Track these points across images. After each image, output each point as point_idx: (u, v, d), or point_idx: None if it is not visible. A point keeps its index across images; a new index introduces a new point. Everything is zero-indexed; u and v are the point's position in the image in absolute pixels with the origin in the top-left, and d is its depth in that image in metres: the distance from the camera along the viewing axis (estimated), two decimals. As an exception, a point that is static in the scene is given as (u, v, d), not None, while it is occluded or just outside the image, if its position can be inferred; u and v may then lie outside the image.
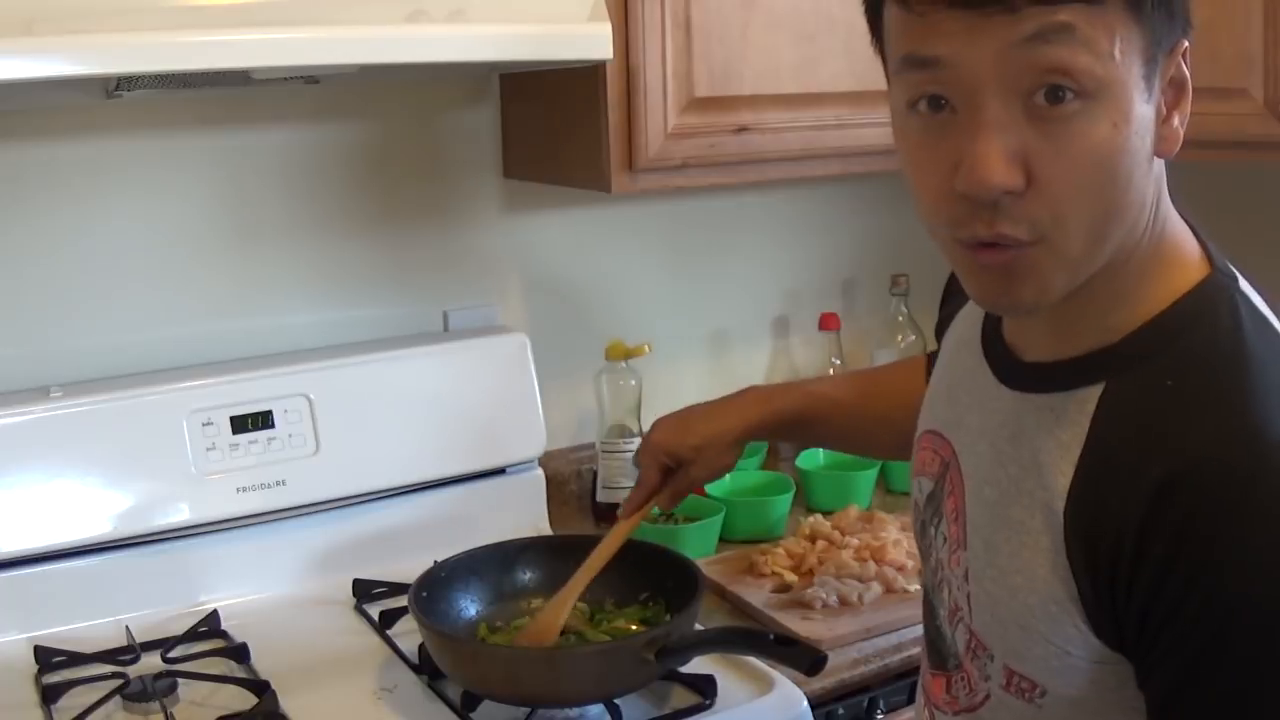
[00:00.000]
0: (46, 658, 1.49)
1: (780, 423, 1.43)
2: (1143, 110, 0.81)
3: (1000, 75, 0.78)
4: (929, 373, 1.13)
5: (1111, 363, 0.87)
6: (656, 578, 1.50)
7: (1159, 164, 0.87)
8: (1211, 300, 0.86)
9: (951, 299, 1.10)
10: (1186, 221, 0.92)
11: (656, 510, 1.50)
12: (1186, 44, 0.83)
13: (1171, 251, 0.89)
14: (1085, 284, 0.85)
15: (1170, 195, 0.90)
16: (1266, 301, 0.91)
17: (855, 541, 1.71)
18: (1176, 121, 0.84)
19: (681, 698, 1.40)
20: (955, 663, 0.98)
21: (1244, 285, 0.89)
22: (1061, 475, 0.86)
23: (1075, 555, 0.85)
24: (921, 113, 0.82)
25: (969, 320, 1.04)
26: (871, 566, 1.65)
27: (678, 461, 1.43)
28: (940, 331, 1.12)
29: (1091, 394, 0.86)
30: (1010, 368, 0.95)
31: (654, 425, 1.46)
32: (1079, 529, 0.84)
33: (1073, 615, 0.85)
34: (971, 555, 0.95)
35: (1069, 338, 0.89)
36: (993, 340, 0.98)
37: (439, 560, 1.53)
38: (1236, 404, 0.81)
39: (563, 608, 1.41)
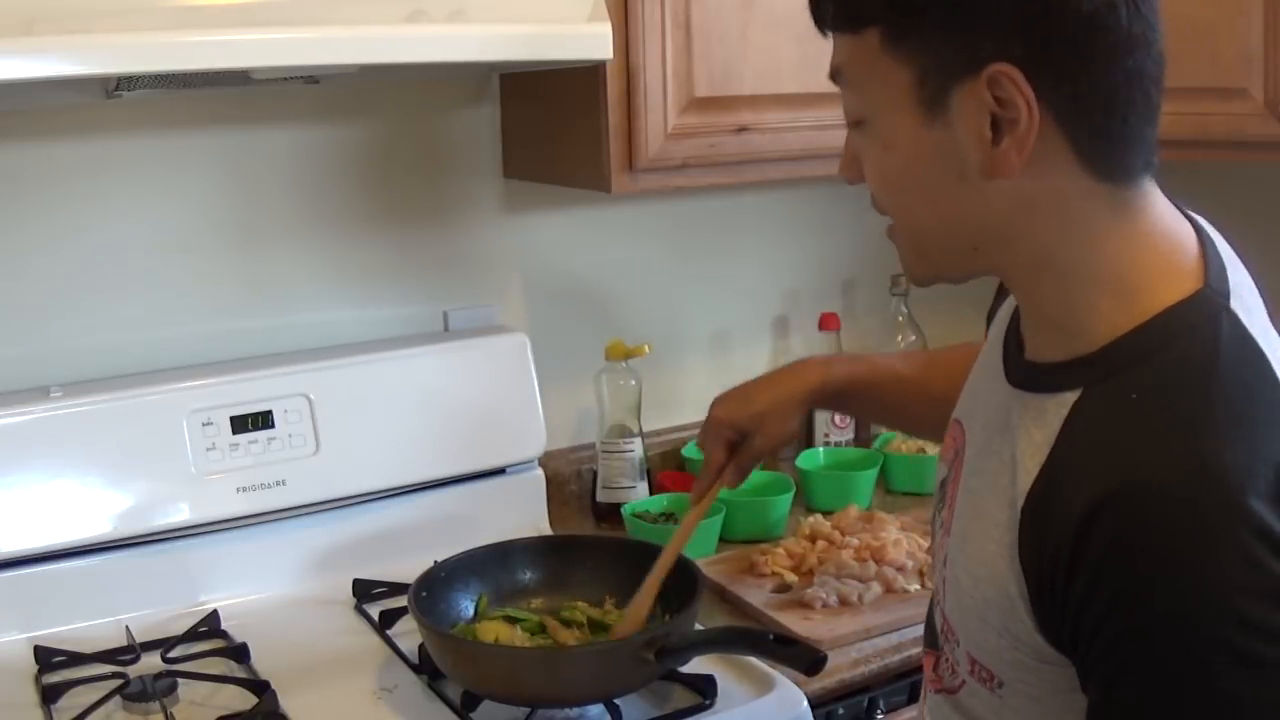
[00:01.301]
0: (46, 658, 1.49)
1: (840, 388, 1.41)
2: (925, 135, 0.87)
3: None
4: None
5: (1090, 370, 0.88)
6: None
7: (1049, 182, 0.86)
8: (1194, 317, 0.86)
9: (1002, 291, 1.12)
10: (1198, 230, 0.91)
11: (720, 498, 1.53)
12: (1007, 67, 0.82)
13: (1135, 266, 0.88)
14: (1016, 288, 0.94)
15: (1178, 201, 0.91)
16: (1271, 314, 0.90)
17: (855, 541, 1.71)
18: (1006, 146, 0.84)
19: (681, 698, 1.40)
20: (938, 643, 1.02)
21: (1236, 304, 0.88)
22: (1028, 474, 0.88)
23: (1025, 555, 0.87)
24: None
25: (1004, 314, 1.06)
26: (871, 566, 1.65)
27: (740, 433, 1.40)
28: (988, 323, 1.13)
29: (1069, 399, 0.88)
30: (1015, 365, 0.97)
31: (714, 402, 1.44)
32: (1032, 530, 0.87)
33: (1021, 612, 0.87)
34: (951, 542, 0.98)
35: (1057, 341, 0.91)
36: (1011, 336, 1.00)
37: (439, 560, 1.53)
38: (1190, 428, 0.81)
39: (648, 598, 1.40)
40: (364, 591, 1.67)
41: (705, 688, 1.39)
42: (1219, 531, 0.77)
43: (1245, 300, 0.89)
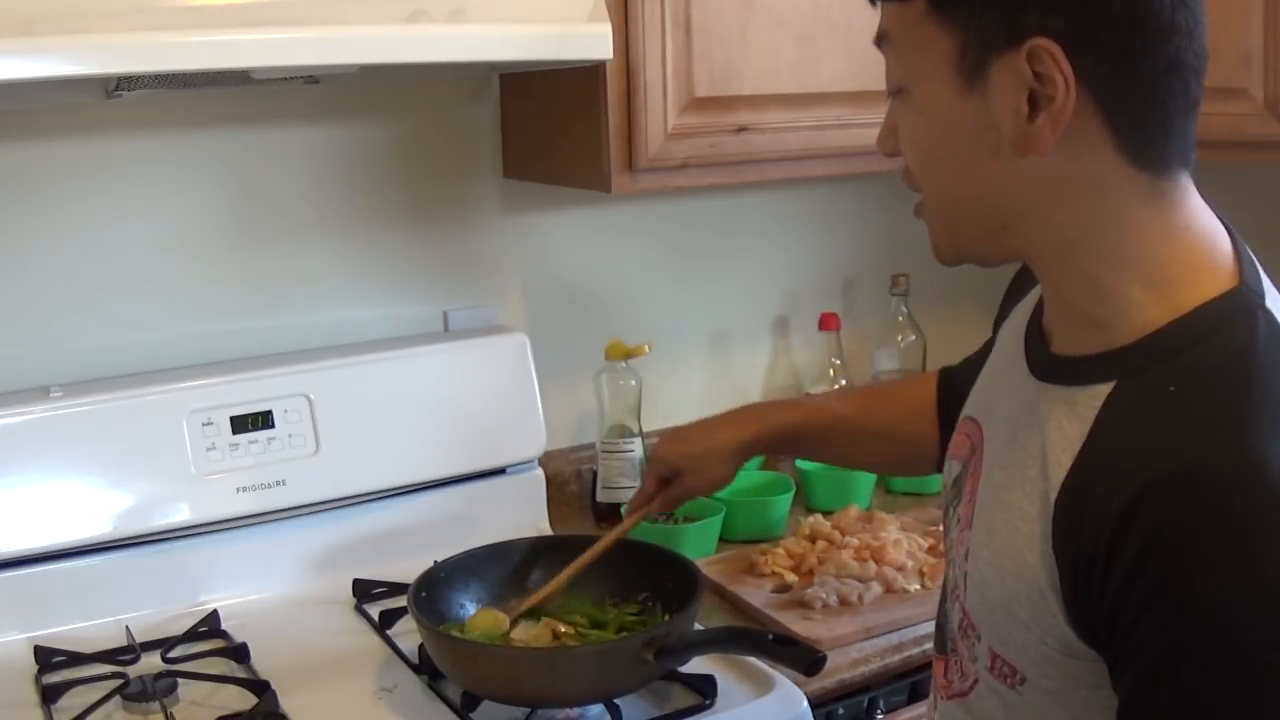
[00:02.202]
0: (46, 658, 1.49)
1: (777, 436, 1.46)
2: (961, 105, 0.87)
3: None
4: (947, 382, 1.30)
5: (1124, 363, 0.88)
6: (656, 578, 1.50)
7: (1083, 164, 0.86)
8: (1231, 312, 0.86)
9: (1011, 294, 1.13)
10: (1230, 233, 0.92)
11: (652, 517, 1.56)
12: (1043, 42, 0.82)
13: (1173, 258, 0.88)
14: (1045, 272, 0.93)
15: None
16: None
17: (855, 541, 1.71)
18: (1042, 122, 0.84)
19: (681, 698, 1.40)
20: (952, 645, 1.01)
21: (1271, 303, 0.88)
22: (1060, 467, 0.87)
23: (1060, 546, 0.86)
24: None
25: (1022, 311, 1.06)
26: (871, 566, 1.65)
27: (674, 471, 1.47)
28: (998, 324, 1.14)
29: (1101, 391, 0.88)
30: (1040, 358, 0.97)
31: (660, 438, 1.51)
32: (1066, 521, 0.86)
33: (1052, 605, 0.87)
34: (973, 535, 0.97)
35: (1078, 331, 0.91)
36: (1034, 331, 1.00)
37: (439, 560, 1.53)
38: (1232, 419, 0.81)
39: (535, 600, 1.48)
40: (364, 591, 1.67)
41: (705, 688, 1.39)
42: (1265, 524, 0.77)
43: (1278, 301, 0.90)
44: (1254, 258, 0.91)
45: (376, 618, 1.59)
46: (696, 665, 1.39)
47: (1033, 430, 0.92)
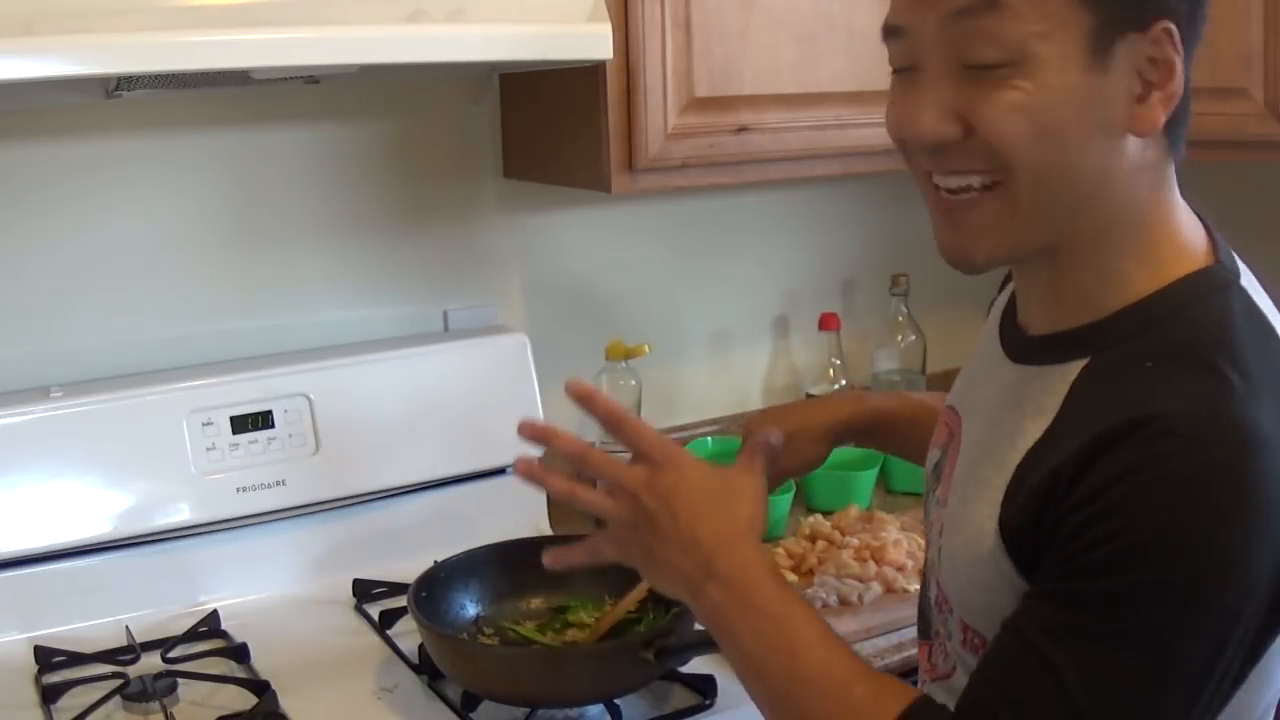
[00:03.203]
0: (46, 658, 1.49)
1: (870, 420, 1.41)
2: (1086, 80, 0.85)
3: (940, 42, 0.88)
4: None
5: (1097, 338, 0.90)
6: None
7: (1149, 149, 0.89)
8: (1204, 288, 0.89)
9: (1004, 286, 1.13)
10: (1202, 221, 0.95)
11: None
12: (1169, 25, 0.85)
13: (1166, 241, 0.91)
14: (1066, 257, 0.91)
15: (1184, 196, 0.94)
16: (1275, 301, 0.92)
17: (855, 541, 1.71)
18: (1155, 100, 0.87)
19: (681, 698, 1.40)
20: (935, 628, 1.03)
21: (1246, 282, 0.91)
22: (1030, 436, 0.90)
23: (1009, 498, 0.89)
24: (897, 72, 0.94)
25: (1001, 301, 1.08)
26: (871, 566, 1.65)
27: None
28: (989, 312, 1.15)
29: (1075, 367, 0.90)
30: (1015, 341, 0.99)
31: (750, 419, 1.44)
32: (1022, 475, 0.88)
33: (1000, 561, 0.89)
34: (948, 512, 0.99)
35: (1061, 313, 0.93)
36: (1008, 318, 1.02)
37: (439, 560, 1.53)
38: (1199, 378, 0.83)
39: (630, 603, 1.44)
40: (364, 591, 1.66)
41: (705, 688, 1.39)
42: (1230, 475, 0.79)
43: (1253, 281, 0.93)
44: (1226, 243, 0.95)
45: (376, 618, 1.59)
46: (696, 665, 1.39)
47: (1011, 411, 0.94)
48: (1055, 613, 0.83)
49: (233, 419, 1.67)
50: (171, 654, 1.49)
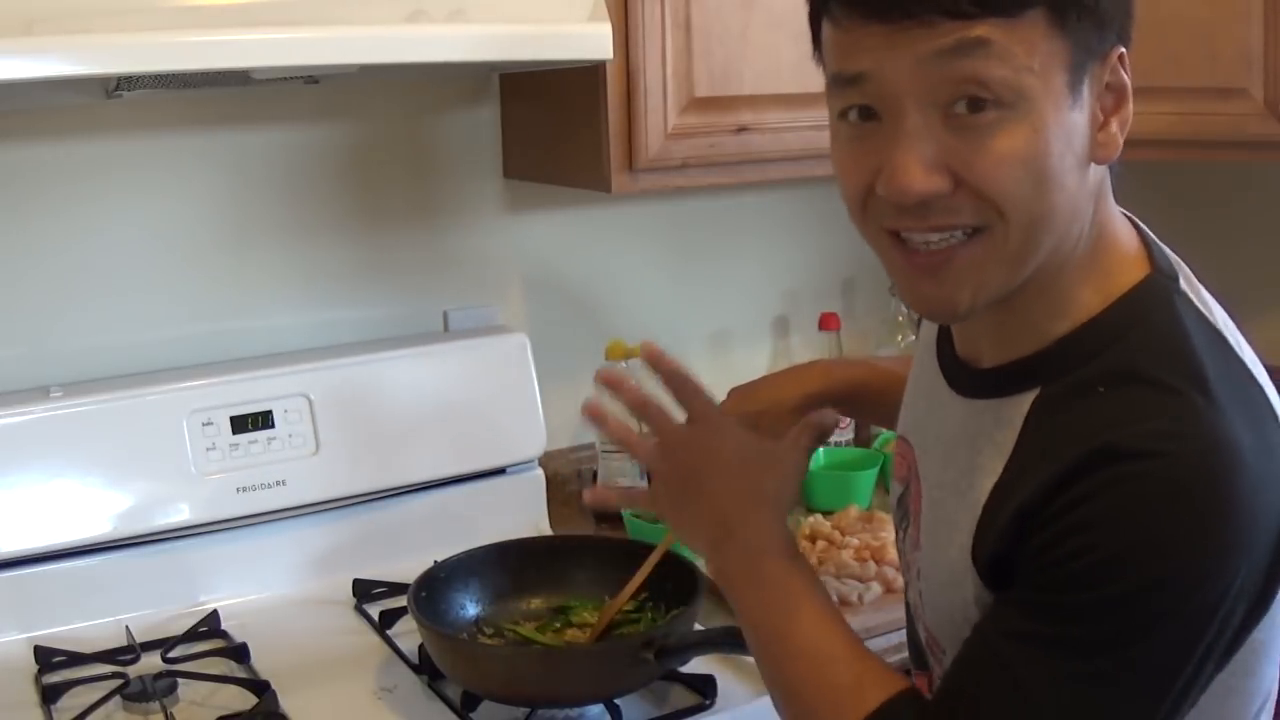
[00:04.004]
0: (46, 658, 1.49)
1: (840, 391, 1.40)
2: (1068, 117, 0.82)
3: (919, 86, 0.81)
4: None
5: (1046, 368, 0.88)
6: (656, 578, 1.49)
7: (1097, 170, 0.87)
8: (1147, 303, 0.87)
9: None
10: (1132, 221, 0.93)
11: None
12: (1123, 50, 0.84)
13: (1109, 255, 0.89)
14: (1022, 290, 0.87)
15: (1118, 196, 0.92)
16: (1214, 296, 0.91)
17: (855, 541, 1.71)
18: (1115, 127, 0.85)
19: (681, 698, 1.40)
20: (928, 662, 1.02)
21: (1185, 284, 0.89)
22: (991, 475, 0.88)
23: (979, 542, 0.87)
24: (851, 121, 0.87)
25: (929, 326, 1.06)
26: (871, 566, 1.65)
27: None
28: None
29: (1027, 399, 0.88)
30: (959, 375, 0.97)
31: (728, 394, 1.43)
32: (989, 517, 0.87)
33: (984, 600, 0.88)
34: (922, 555, 0.98)
35: (1009, 344, 0.91)
36: (945, 348, 1.00)
37: (439, 560, 1.53)
38: (1157, 399, 0.82)
39: (633, 587, 1.43)
40: (364, 591, 1.66)
41: (705, 688, 1.39)
42: (1203, 485, 0.78)
43: (1191, 280, 0.90)
44: (1158, 240, 0.92)
45: (376, 618, 1.59)
46: (696, 665, 1.39)
47: (964, 446, 0.93)
48: (1018, 619, 0.82)
49: (233, 419, 1.67)
50: (171, 654, 1.49)
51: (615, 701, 1.35)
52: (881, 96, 0.83)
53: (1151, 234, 0.93)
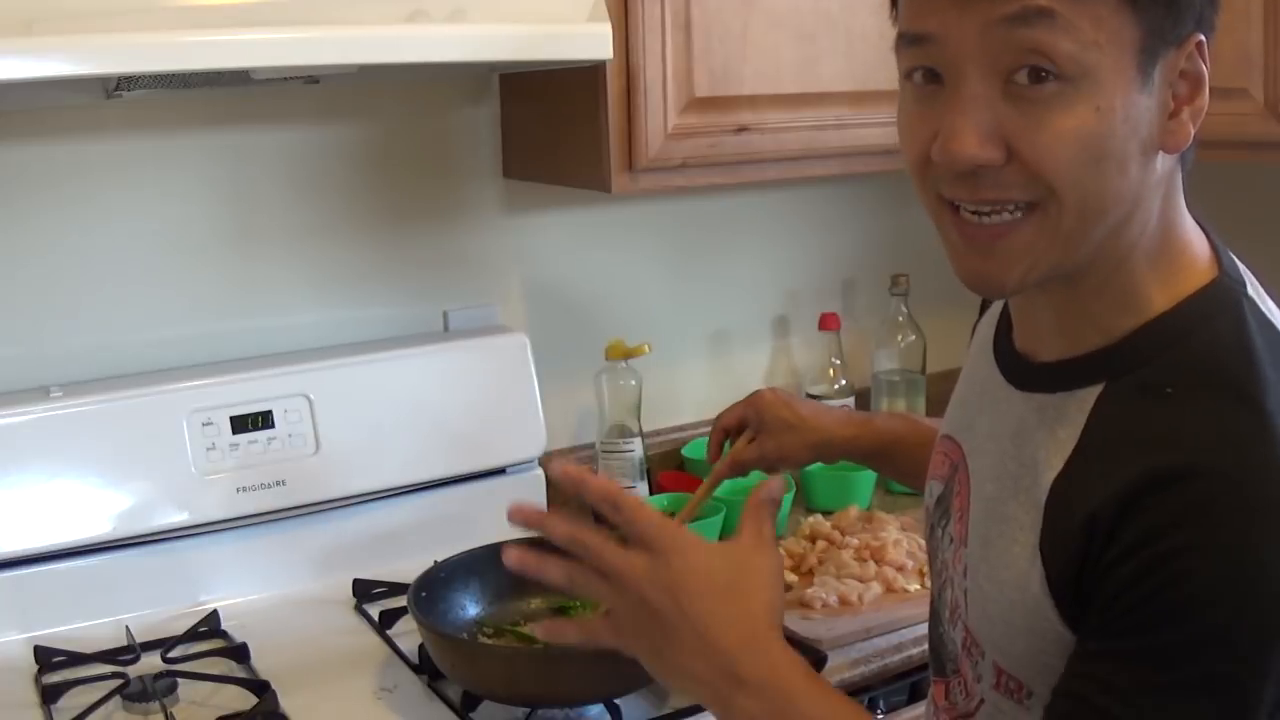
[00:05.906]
0: (46, 658, 1.49)
1: (879, 441, 1.38)
2: (1135, 100, 0.81)
3: (982, 52, 0.81)
4: None
5: (1112, 363, 0.87)
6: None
7: (1167, 160, 0.86)
8: (1216, 304, 0.86)
9: (982, 313, 1.11)
10: (1200, 225, 0.92)
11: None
12: (1201, 38, 0.83)
13: (1179, 253, 0.89)
14: (1084, 280, 0.87)
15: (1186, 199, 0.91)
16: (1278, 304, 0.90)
17: (855, 541, 1.71)
18: (1185, 116, 0.84)
19: (681, 697, 1.40)
20: (954, 667, 0.99)
21: (1253, 291, 0.89)
22: (1052, 470, 0.87)
23: (1047, 544, 0.85)
24: (916, 82, 0.86)
25: (987, 324, 1.05)
26: (871, 566, 1.65)
27: (761, 423, 1.40)
28: (973, 335, 1.13)
29: (1091, 393, 0.87)
30: (1018, 369, 0.96)
31: (769, 389, 1.41)
32: (1054, 519, 0.85)
33: (1045, 608, 0.86)
34: (970, 552, 0.96)
35: (1073, 338, 0.90)
36: (1003, 343, 0.99)
37: (439, 560, 1.54)
38: (1230, 409, 0.81)
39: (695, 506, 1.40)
40: (364, 591, 1.67)
41: (705, 688, 1.39)
42: (1269, 522, 0.77)
43: (1258, 287, 0.90)
44: (1226, 247, 0.92)
45: (376, 618, 1.59)
46: (696, 665, 1.38)
47: (1023, 441, 0.91)
48: (1116, 672, 0.79)
49: (233, 419, 1.67)
50: (171, 654, 1.49)
51: (615, 701, 1.35)
52: (945, 60, 0.83)
53: (1221, 243, 0.92)
